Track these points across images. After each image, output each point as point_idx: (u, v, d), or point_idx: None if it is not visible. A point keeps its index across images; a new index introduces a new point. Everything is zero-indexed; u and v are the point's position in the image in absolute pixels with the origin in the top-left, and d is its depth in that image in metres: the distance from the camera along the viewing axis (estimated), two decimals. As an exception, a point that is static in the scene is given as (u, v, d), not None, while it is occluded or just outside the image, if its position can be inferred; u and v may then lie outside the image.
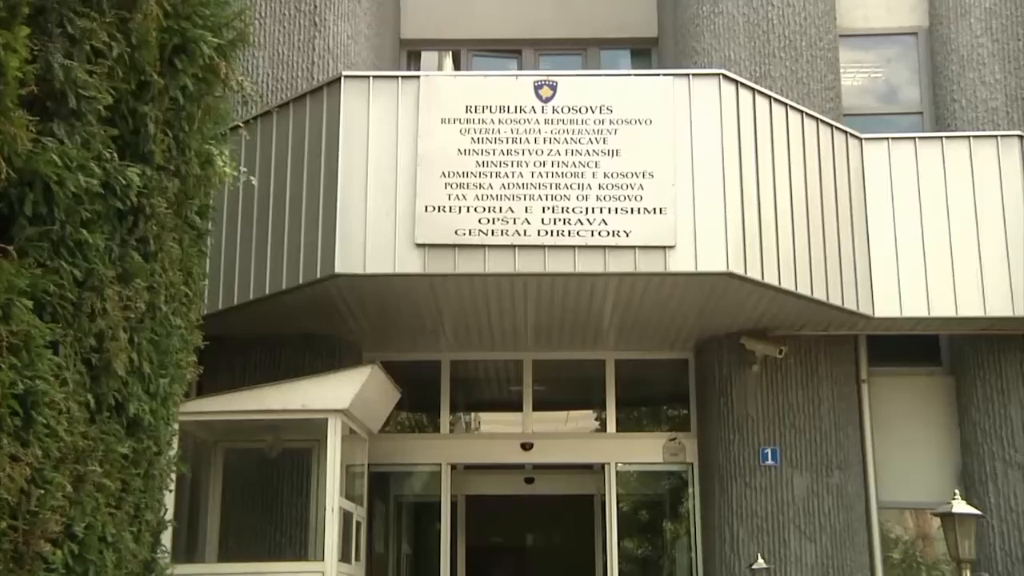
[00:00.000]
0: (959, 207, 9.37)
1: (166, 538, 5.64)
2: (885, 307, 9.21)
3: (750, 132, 8.66)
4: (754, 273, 8.46)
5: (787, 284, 8.64)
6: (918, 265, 9.27)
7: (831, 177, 9.09)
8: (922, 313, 9.26)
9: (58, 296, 3.62)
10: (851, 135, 9.37)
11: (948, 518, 4.52)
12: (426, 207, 8.31)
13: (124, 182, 4.02)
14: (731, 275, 8.40)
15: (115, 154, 3.96)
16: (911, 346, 10.29)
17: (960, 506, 4.54)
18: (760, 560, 8.26)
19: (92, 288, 3.89)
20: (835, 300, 8.94)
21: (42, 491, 3.49)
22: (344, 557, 8.17)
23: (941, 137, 9.73)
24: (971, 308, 9.23)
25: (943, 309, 9.24)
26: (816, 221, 8.90)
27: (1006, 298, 9.20)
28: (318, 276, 8.39)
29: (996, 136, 9.62)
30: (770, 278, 8.55)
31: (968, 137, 9.64)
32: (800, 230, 8.77)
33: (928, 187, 9.43)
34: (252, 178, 7.75)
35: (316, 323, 9.40)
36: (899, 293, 9.22)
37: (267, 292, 8.66)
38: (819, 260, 8.85)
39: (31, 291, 3.39)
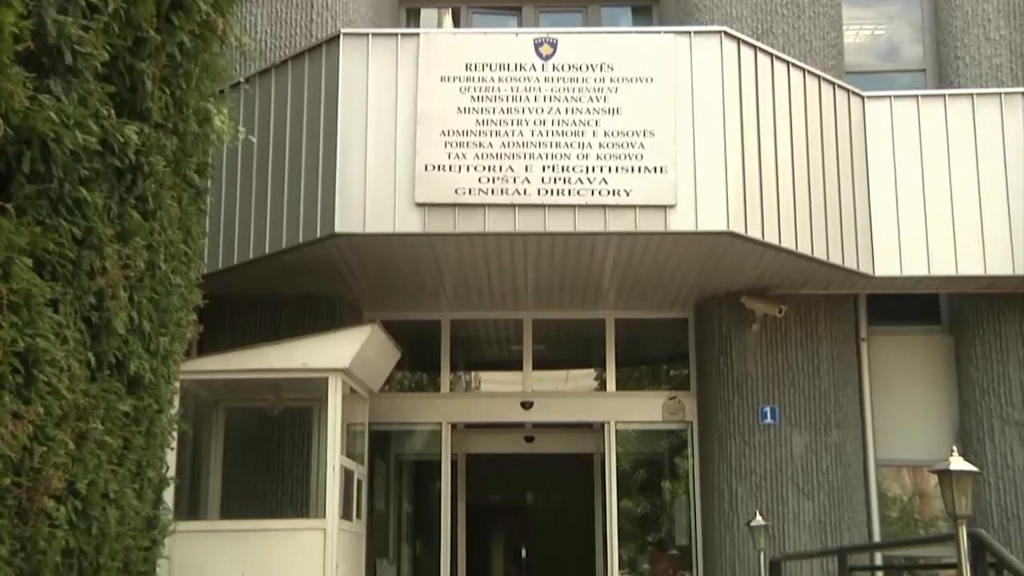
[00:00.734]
0: (961, 165, 9.34)
1: (168, 495, 5.69)
2: (885, 266, 9.21)
3: (751, 90, 8.61)
4: (754, 232, 8.45)
5: (787, 243, 8.63)
6: (919, 224, 9.26)
7: (832, 135, 9.06)
8: (922, 272, 9.26)
9: (57, 254, 3.62)
10: (853, 93, 9.33)
11: (945, 475, 4.54)
12: (426, 166, 8.29)
13: (122, 140, 4.00)
14: (731, 234, 8.39)
15: (112, 112, 3.94)
16: (911, 305, 10.30)
17: (957, 463, 4.56)
18: (758, 517, 8.31)
19: (91, 246, 3.89)
20: (835, 259, 8.93)
21: (44, 448, 3.51)
22: (345, 515, 8.22)
23: (944, 95, 9.68)
24: (972, 266, 9.23)
25: (943, 268, 9.25)
26: (817, 180, 8.87)
27: (1006, 256, 9.20)
28: (318, 235, 8.38)
29: (1000, 93, 9.57)
30: (770, 237, 8.54)
31: (971, 95, 9.59)
32: (801, 189, 8.75)
33: (930, 145, 9.40)
34: (251, 137, 7.75)
35: (316, 282, 9.41)
36: (899, 252, 9.21)
37: (267, 251, 8.66)
38: (819, 219, 8.84)
39: (30, 249, 3.38)
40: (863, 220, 9.16)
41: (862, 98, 9.37)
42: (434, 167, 8.29)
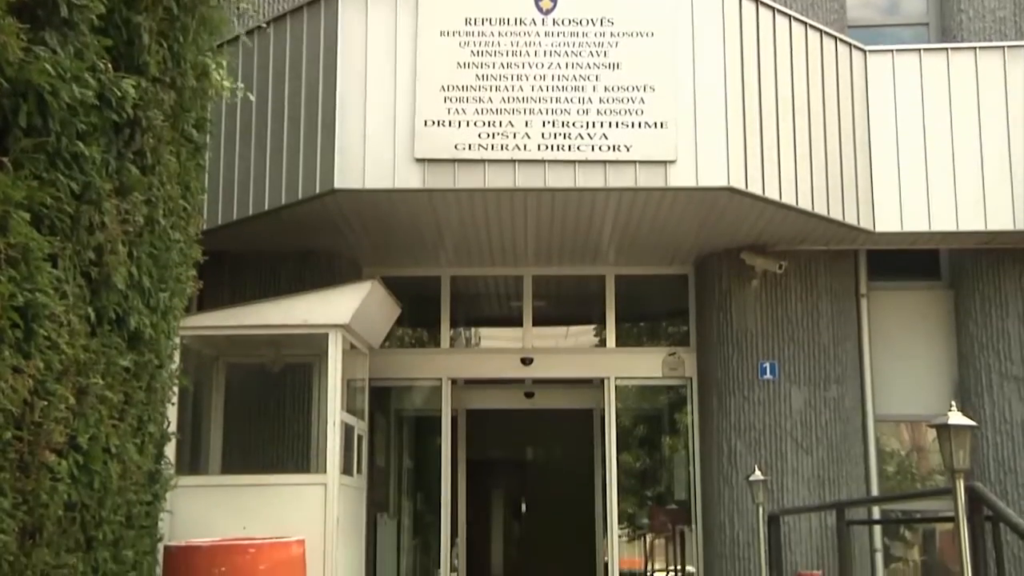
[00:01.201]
0: (963, 120, 9.30)
1: (170, 450, 5.73)
2: (886, 222, 9.20)
3: (753, 45, 8.55)
4: (755, 188, 8.43)
5: (788, 199, 8.61)
6: (920, 179, 9.23)
7: (834, 90, 9.01)
8: (923, 227, 9.25)
9: (55, 209, 3.61)
10: (855, 47, 9.26)
11: (944, 429, 4.55)
12: (425, 121, 8.25)
13: (119, 94, 3.98)
14: (732, 190, 8.37)
15: (109, 65, 3.91)
16: (911, 260, 10.29)
17: (956, 417, 4.57)
18: (757, 472, 8.36)
19: (90, 201, 3.88)
20: (835, 215, 8.92)
21: (45, 403, 3.52)
22: (346, 470, 8.26)
23: (946, 48, 9.61)
24: (972, 222, 9.22)
25: (944, 223, 9.23)
26: (818, 135, 8.84)
27: (1007, 211, 9.18)
28: (317, 191, 8.36)
29: (1003, 47, 9.50)
30: (771, 193, 8.53)
31: (974, 48, 9.52)
32: (801, 144, 8.72)
33: (932, 100, 9.35)
34: (250, 93, 7.69)
35: (316, 239, 9.40)
36: (900, 207, 9.20)
37: (266, 207, 8.64)
38: (820, 175, 8.81)
39: (28, 203, 3.37)
40: (864, 175, 9.13)
41: (864, 52, 9.30)
42: (433, 122, 8.25)
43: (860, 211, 9.07)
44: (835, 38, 9.13)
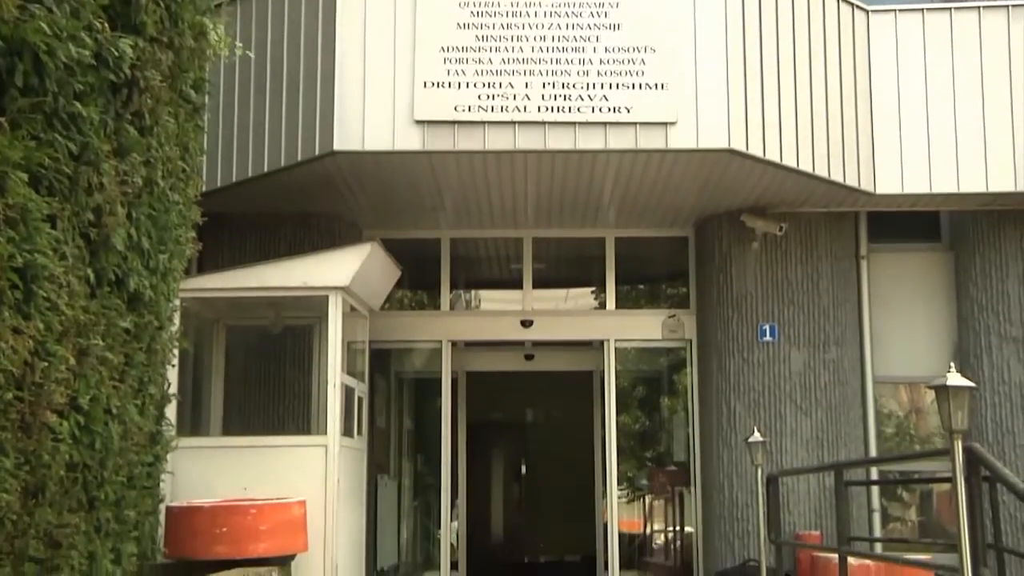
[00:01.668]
0: (965, 80, 9.25)
1: (170, 412, 5.74)
2: (887, 183, 9.17)
3: (754, 5, 8.49)
4: (755, 149, 8.40)
5: (788, 161, 8.59)
6: (921, 140, 9.19)
7: (835, 51, 8.95)
8: (924, 189, 9.22)
9: (53, 170, 3.60)
10: (857, 7, 9.19)
11: (943, 390, 4.56)
12: (425, 83, 8.20)
13: (116, 53, 3.96)
14: (732, 152, 8.34)
15: (106, 24, 3.89)
16: (911, 222, 10.27)
17: (955, 378, 4.58)
18: (756, 434, 8.38)
19: (88, 162, 3.87)
20: (836, 177, 8.89)
21: (46, 363, 3.53)
22: (346, 431, 8.30)
23: (950, 8, 9.52)
24: (973, 183, 9.19)
25: (945, 185, 9.21)
26: (819, 97, 8.80)
27: (1009, 172, 9.15)
28: (316, 153, 8.33)
29: (1007, 6, 9.40)
30: (771, 155, 8.50)
31: (978, 8, 9.43)
32: (803, 106, 8.68)
33: (934, 60, 9.29)
34: (248, 52, 7.65)
35: (315, 201, 9.38)
36: (901, 169, 9.17)
37: (265, 170, 8.61)
38: (821, 136, 8.78)
39: (25, 164, 3.36)
40: (865, 137, 9.09)
41: (866, 12, 9.23)
42: (433, 84, 8.21)
43: (861, 173, 9.04)
44: (837, -2, 9.07)
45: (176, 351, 5.48)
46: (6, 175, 3.23)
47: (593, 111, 8.19)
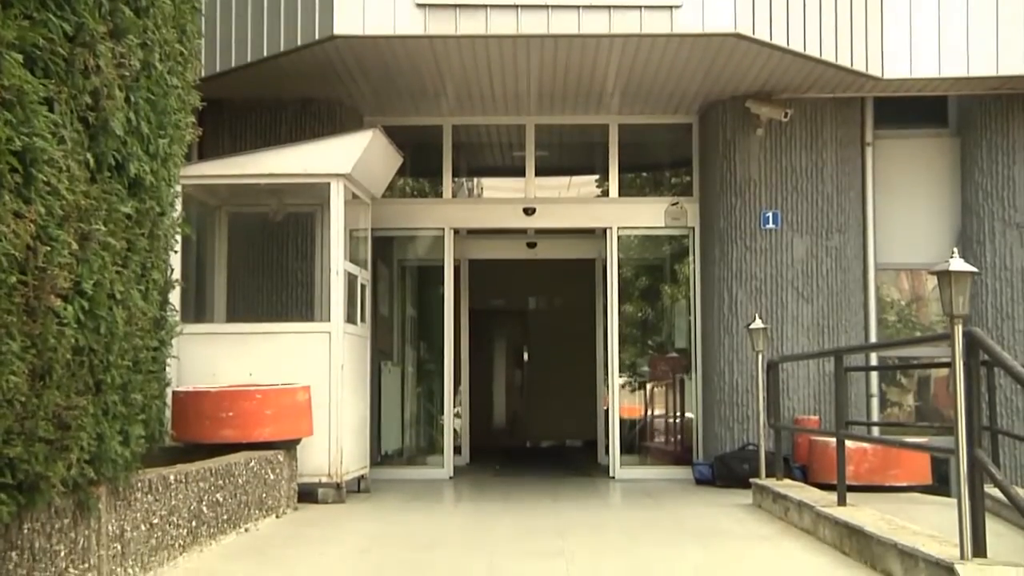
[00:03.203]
0: (978, -40, 9.04)
1: (174, 297, 5.76)
2: (895, 67, 9.04)
3: None
4: (761, 33, 8.26)
5: (795, 45, 8.45)
6: (931, 22, 9.03)
7: (846, -70, 8.74)
8: (932, 73, 9.09)
9: (49, 51, 3.53)
10: None
11: (944, 275, 4.56)
12: (425, -36, 8.04)
13: (109, -69, 3.86)
14: (738, 35, 8.20)
15: (97, -100, 3.78)
16: (918, 108, 10.16)
17: (957, 263, 4.57)
18: (757, 320, 8.43)
19: (83, 44, 3.80)
20: (844, 61, 8.76)
21: (48, 248, 3.52)
22: (350, 318, 8.35)
23: None
24: (984, 67, 9.05)
25: (954, 68, 9.07)
26: (828, -22, 8.62)
27: (1019, 55, 9.00)
28: (316, 38, 8.21)
29: None
30: (778, 38, 8.36)
31: None
32: (811, -13, 8.51)
33: (947, -63, 9.07)
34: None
35: (316, 87, 9.27)
36: (910, 53, 9.02)
37: (265, 55, 8.49)
38: (829, 19, 8.61)
39: (20, 44, 3.30)
40: (874, 19, 8.92)
41: None
42: (434, -35, 8.04)
43: (868, 57, 8.90)
44: None
45: (179, 237, 5.47)
46: (0, 55, 3.17)
47: (597, -6, 8.04)
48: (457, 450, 11.54)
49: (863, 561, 5.32)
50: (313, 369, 7.87)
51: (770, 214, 9.79)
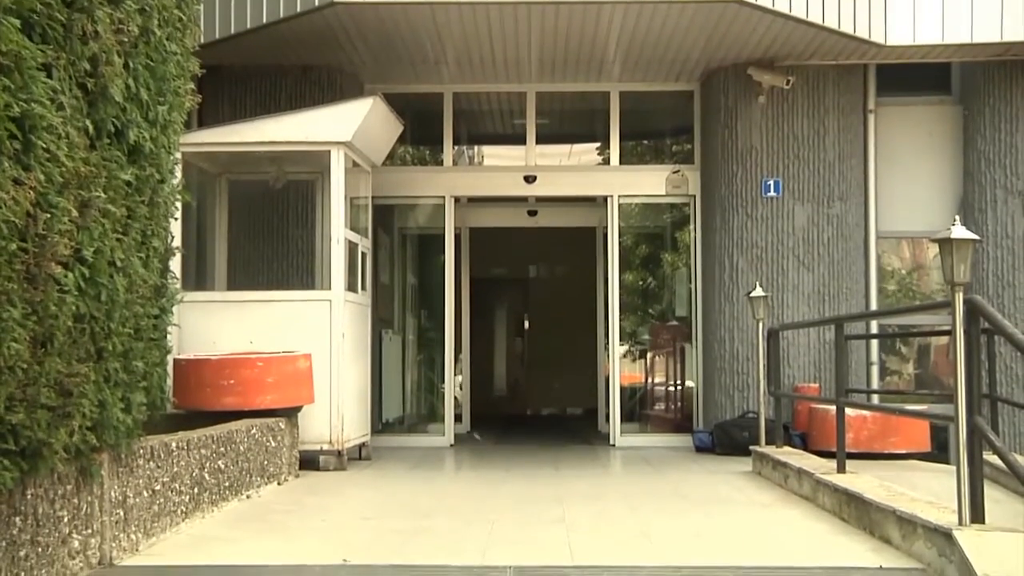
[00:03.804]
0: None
1: (175, 265, 5.76)
2: (898, 34, 8.98)
3: None
4: (764, -1, 8.22)
5: (797, 11, 8.40)
6: (935, -12, 8.98)
7: None
8: (936, 40, 9.04)
9: (46, 16, 3.51)
10: None
11: (946, 243, 4.54)
12: (425, -71, 7.97)
13: None
14: (740, 1, 8.15)
15: None
16: (921, 75, 10.11)
17: (959, 231, 4.56)
18: (758, 288, 8.43)
19: (81, 9, 3.78)
20: (846, 27, 8.71)
21: (48, 215, 3.51)
22: (350, 287, 8.35)
23: None
24: (987, 33, 8.99)
25: (958, 35, 9.01)
26: (831, -57, 8.55)
27: (1023, 21, 8.94)
28: (316, 4, 8.17)
29: None
30: (780, 4, 8.32)
31: None
32: (814, -47, 8.45)
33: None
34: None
35: (316, 53, 9.23)
36: (913, 19, 8.96)
37: (264, 21, 8.44)
38: (832, -15, 8.57)
39: (16, 9, 3.27)
40: (877, -15, 8.87)
41: None
42: (434, -70, 7.98)
43: (872, 23, 8.85)
44: None
45: (179, 204, 5.45)
46: (-3, 20, 3.15)
47: (598, -41, 7.98)
48: (458, 418, 11.58)
49: (862, 527, 5.35)
50: (314, 337, 7.87)
51: (771, 182, 9.77)
